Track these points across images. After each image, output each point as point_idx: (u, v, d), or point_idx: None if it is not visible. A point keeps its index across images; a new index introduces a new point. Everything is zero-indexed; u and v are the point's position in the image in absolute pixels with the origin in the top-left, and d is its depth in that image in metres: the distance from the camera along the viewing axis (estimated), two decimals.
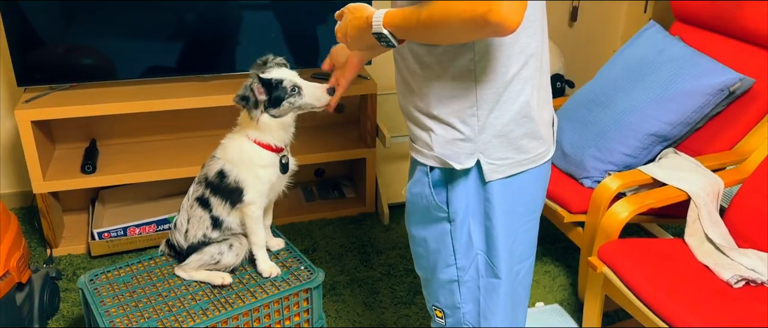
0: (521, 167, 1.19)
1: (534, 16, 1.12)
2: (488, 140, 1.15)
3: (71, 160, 2.53)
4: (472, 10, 0.92)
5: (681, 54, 2.29)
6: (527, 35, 1.11)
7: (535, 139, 1.19)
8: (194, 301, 1.76)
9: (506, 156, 1.16)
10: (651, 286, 1.75)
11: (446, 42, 1.09)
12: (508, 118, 1.14)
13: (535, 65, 1.15)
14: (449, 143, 1.16)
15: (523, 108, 1.15)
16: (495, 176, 1.17)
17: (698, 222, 1.96)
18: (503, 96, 1.13)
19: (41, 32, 2.34)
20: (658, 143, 2.21)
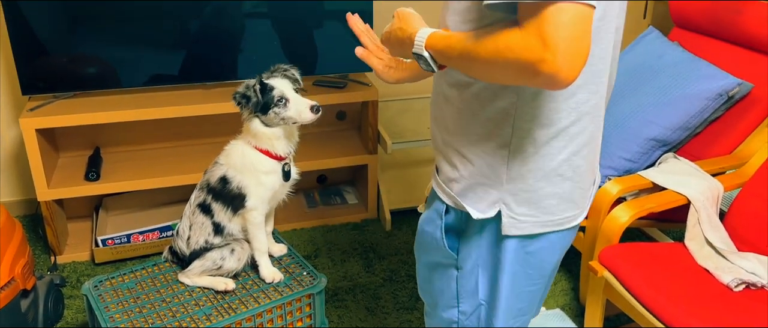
0: (543, 228, 1.09)
1: (600, 69, 1.01)
2: (514, 192, 1.06)
3: (75, 167, 2.55)
4: (524, 56, 0.83)
5: (680, 59, 2.31)
6: (587, 91, 1.01)
7: (567, 202, 1.08)
8: (198, 306, 1.77)
9: (530, 213, 1.07)
10: (651, 289, 1.76)
11: (490, 81, 0.99)
12: (541, 175, 1.05)
13: (588, 124, 1.04)
14: (472, 187, 1.08)
15: (560, 167, 1.04)
16: (513, 232, 1.08)
17: (698, 226, 1.97)
18: (542, 150, 1.03)
19: (46, 41, 2.36)
20: (658, 148, 2.22)
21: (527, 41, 0.83)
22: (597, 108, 1.04)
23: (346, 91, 2.63)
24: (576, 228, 1.15)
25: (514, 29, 0.85)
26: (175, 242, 1.90)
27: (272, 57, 2.58)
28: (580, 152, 1.05)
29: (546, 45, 0.81)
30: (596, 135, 1.09)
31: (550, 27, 0.81)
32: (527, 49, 0.83)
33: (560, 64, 0.81)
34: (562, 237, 1.13)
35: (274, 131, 1.75)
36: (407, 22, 1.06)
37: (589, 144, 1.06)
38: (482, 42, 0.89)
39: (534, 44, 0.82)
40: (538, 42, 0.82)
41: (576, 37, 0.82)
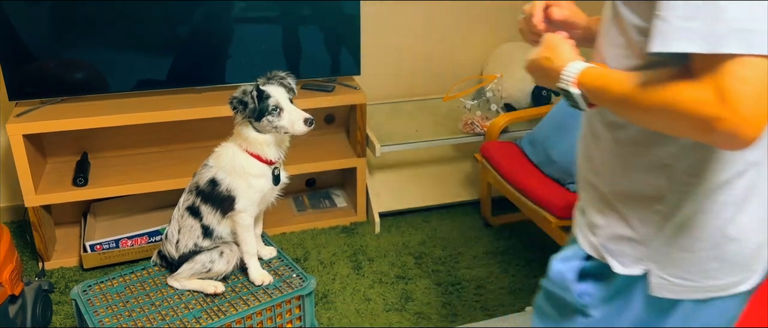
0: (701, 294, 0.96)
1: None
2: (666, 251, 0.95)
3: (63, 173, 2.54)
4: (699, 110, 0.75)
5: None
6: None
7: (733, 265, 0.95)
8: (187, 310, 1.78)
9: (685, 277, 0.95)
10: None
11: (654, 129, 0.86)
12: (699, 234, 0.92)
13: (755, 177, 0.92)
14: (618, 239, 0.98)
15: (724, 225, 0.92)
16: (665, 294, 0.96)
17: None
18: (703, 205, 0.91)
19: (32, 46, 2.36)
20: None
21: (702, 95, 0.75)
22: (764, 157, 0.92)
23: (335, 94, 2.65)
24: (746, 295, 1.00)
25: (687, 81, 0.76)
26: (164, 246, 1.90)
27: (261, 61, 2.60)
28: (745, 209, 0.92)
29: (725, 101, 0.73)
30: (763, 187, 0.94)
31: (730, 81, 0.73)
32: (702, 104, 0.74)
33: (740, 123, 0.73)
34: (725, 304, 0.98)
35: (265, 137, 1.76)
36: (556, 52, 0.97)
37: (761, 198, 0.93)
38: (648, 90, 0.80)
39: (711, 100, 0.74)
40: (715, 97, 0.74)
41: (759, 94, 0.73)
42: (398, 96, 3.06)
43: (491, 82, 2.89)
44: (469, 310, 2.30)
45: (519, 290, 2.41)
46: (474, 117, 2.83)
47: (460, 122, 2.83)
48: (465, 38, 3.10)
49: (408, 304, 2.33)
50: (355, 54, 2.67)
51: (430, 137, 2.75)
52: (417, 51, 3.04)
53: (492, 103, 2.89)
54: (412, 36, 3.01)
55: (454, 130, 2.80)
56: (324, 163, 2.72)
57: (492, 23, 3.10)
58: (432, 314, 2.28)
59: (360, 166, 2.76)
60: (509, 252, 2.63)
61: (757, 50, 0.73)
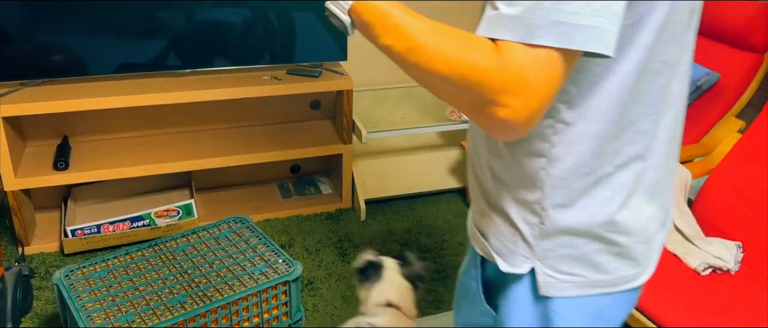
0: (595, 289, 0.92)
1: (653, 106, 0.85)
2: (551, 248, 0.90)
3: (43, 157, 2.50)
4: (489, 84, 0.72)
5: None
6: (635, 131, 0.85)
7: (623, 258, 0.91)
8: (172, 294, 1.75)
9: (574, 272, 0.91)
10: None
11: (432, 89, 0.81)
12: (584, 229, 0.89)
13: (642, 169, 0.88)
14: (505, 237, 0.94)
15: (609, 219, 0.88)
16: (554, 293, 0.92)
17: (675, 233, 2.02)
18: (582, 199, 0.87)
19: (11, 28, 2.30)
20: None
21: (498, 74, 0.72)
22: (653, 150, 0.88)
23: (321, 80, 2.63)
24: (638, 290, 0.97)
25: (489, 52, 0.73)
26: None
27: (245, 45, 2.56)
28: (630, 203, 0.88)
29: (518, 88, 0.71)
30: (659, 179, 0.91)
31: (531, 71, 0.71)
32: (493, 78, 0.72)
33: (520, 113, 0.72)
34: (620, 299, 0.95)
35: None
36: None
37: (648, 191, 0.90)
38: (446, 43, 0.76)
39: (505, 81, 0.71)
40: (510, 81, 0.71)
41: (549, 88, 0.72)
42: (385, 82, 3.04)
43: None
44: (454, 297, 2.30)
45: None
46: None
47: (447, 110, 2.82)
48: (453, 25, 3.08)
49: None
50: (342, 39, 2.65)
51: (417, 124, 2.74)
52: None
53: None
54: None
55: (440, 118, 2.79)
56: (309, 149, 2.70)
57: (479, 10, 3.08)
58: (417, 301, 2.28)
59: (346, 152, 2.74)
60: None
61: (567, 45, 0.71)
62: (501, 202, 0.93)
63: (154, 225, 2.53)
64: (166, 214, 2.55)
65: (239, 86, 2.48)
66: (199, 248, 1.96)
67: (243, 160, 2.60)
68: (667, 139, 0.90)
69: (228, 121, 2.80)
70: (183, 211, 2.58)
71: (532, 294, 0.94)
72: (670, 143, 0.91)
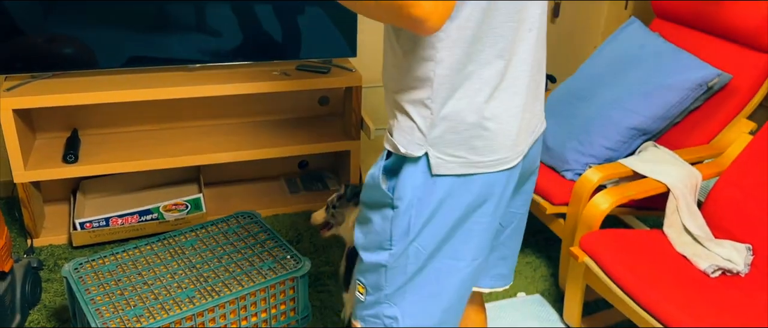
0: (473, 169, 1.15)
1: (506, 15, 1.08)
2: (439, 135, 1.13)
3: (53, 149, 2.51)
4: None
5: (661, 50, 2.34)
6: (494, 35, 1.08)
7: (495, 144, 1.15)
8: (180, 289, 1.76)
9: (457, 154, 1.13)
10: (631, 275, 1.79)
11: (366, 15, 1.06)
12: (460, 118, 1.11)
13: (502, 68, 1.11)
14: (405, 131, 1.15)
15: (479, 109, 1.11)
16: (442, 171, 1.14)
17: (677, 214, 2.01)
18: (457, 93, 1.11)
19: (23, 20, 2.31)
20: (639, 137, 2.26)
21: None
22: (508, 52, 1.10)
23: (330, 76, 2.62)
24: (514, 171, 1.20)
25: None
26: None
27: (255, 41, 2.56)
28: (497, 96, 1.12)
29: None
30: (520, 78, 1.14)
31: None
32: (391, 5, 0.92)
33: (421, 11, 0.91)
34: (493, 178, 1.17)
35: None
36: None
37: (509, 88, 1.13)
38: None
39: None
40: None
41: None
42: None
43: None
44: None
45: None
46: None
47: None
48: None
49: None
50: (352, 36, 2.64)
51: None
52: None
53: None
54: None
55: None
56: (317, 145, 2.70)
57: None
58: None
59: (354, 149, 2.74)
60: None
61: None
62: (402, 103, 1.14)
63: (162, 219, 2.54)
64: (174, 208, 2.56)
65: (248, 81, 2.49)
66: (208, 243, 1.96)
67: (251, 155, 2.60)
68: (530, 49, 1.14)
69: (237, 116, 2.80)
70: (191, 205, 2.58)
71: (426, 173, 1.15)
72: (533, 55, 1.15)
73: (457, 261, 1.21)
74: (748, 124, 2.23)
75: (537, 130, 1.27)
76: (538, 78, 1.21)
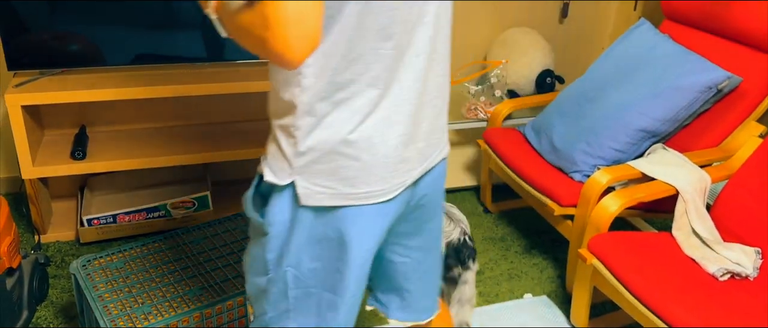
0: (344, 201, 1.08)
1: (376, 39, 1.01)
2: (306, 164, 1.06)
3: (61, 145, 2.51)
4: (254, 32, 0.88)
5: (671, 52, 2.33)
6: (364, 62, 1.02)
7: (366, 175, 1.07)
8: (188, 287, 1.76)
9: (327, 184, 1.07)
10: (640, 277, 1.79)
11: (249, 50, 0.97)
12: (327, 148, 1.05)
13: (376, 96, 1.04)
14: (275, 157, 1.10)
15: (346, 140, 1.04)
16: (310, 202, 1.08)
17: (685, 216, 2.00)
18: (325, 121, 1.04)
19: (31, 16, 2.31)
20: (647, 139, 2.25)
21: (255, 19, 0.87)
22: (384, 80, 1.04)
23: None
24: (392, 205, 1.12)
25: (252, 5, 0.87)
26: None
27: None
28: (368, 123, 1.05)
29: (268, 27, 0.86)
30: (402, 106, 1.07)
31: (270, 7, 0.85)
32: (255, 27, 0.87)
33: (281, 47, 0.87)
34: (367, 211, 1.10)
35: None
36: None
37: (387, 117, 1.06)
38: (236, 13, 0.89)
39: (259, 22, 0.86)
40: (262, 21, 0.86)
41: (296, 19, 0.85)
42: None
43: (496, 68, 2.87)
44: None
45: (517, 276, 2.41)
46: (477, 103, 2.81)
47: (463, 107, 2.81)
48: (470, 22, 3.07)
49: None
50: None
51: None
52: None
53: (496, 89, 2.87)
54: None
55: (456, 116, 2.78)
56: None
57: (497, 8, 3.07)
58: None
59: None
60: (508, 238, 2.63)
61: None
62: (274, 128, 1.10)
63: (169, 216, 2.54)
64: (181, 205, 2.56)
65: (257, 80, 2.48)
66: (215, 241, 1.96)
67: (259, 153, 2.59)
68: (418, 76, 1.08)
69: (246, 115, 2.80)
70: (198, 203, 2.59)
71: (294, 203, 1.09)
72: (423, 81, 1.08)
73: (334, 295, 1.15)
74: (757, 127, 2.22)
75: (432, 158, 1.20)
76: (436, 103, 1.15)
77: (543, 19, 3.16)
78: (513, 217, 2.77)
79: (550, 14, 3.20)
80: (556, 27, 3.24)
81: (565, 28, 3.26)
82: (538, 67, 2.85)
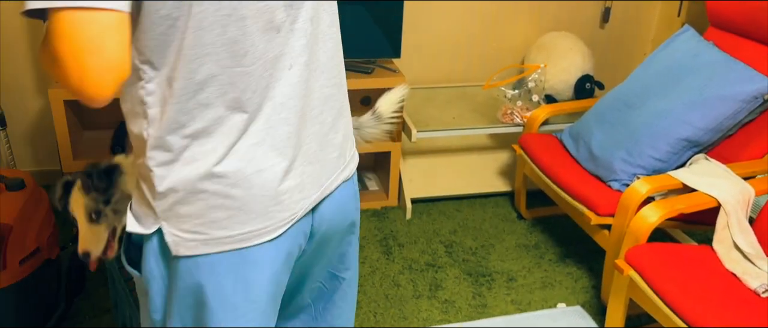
0: (219, 247, 0.91)
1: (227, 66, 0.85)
2: (169, 208, 0.90)
3: (101, 141, 2.56)
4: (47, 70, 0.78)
5: (716, 59, 2.27)
6: (217, 85, 0.85)
7: (242, 213, 0.90)
8: None
9: (196, 230, 0.90)
10: (678, 291, 1.74)
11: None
12: (190, 187, 0.89)
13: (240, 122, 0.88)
14: (138, 201, 0.94)
15: (211, 175, 0.88)
16: (182, 252, 0.91)
17: (727, 229, 1.94)
18: (183, 157, 0.88)
19: None
20: (689, 149, 2.19)
21: (43, 55, 0.76)
22: (251, 101, 0.88)
23: (373, 76, 2.62)
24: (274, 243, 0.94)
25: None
26: None
27: None
28: (238, 155, 0.88)
29: (55, 62, 0.74)
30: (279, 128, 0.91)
31: (53, 40, 0.73)
32: (45, 64, 0.76)
33: (75, 83, 0.74)
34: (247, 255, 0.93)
35: None
36: None
37: (261, 143, 0.90)
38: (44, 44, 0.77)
39: (48, 60, 0.75)
40: (49, 57, 0.75)
41: (82, 51, 0.73)
42: (437, 81, 3.02)
43: (534, 72, 2.83)
44: (499, 303, 2.27)
45: (551, 285, 2.37)
46: (514, 107, 2.78)
47: (499, 111, 2.78)
48: (508, 25, 3.04)
49: (437, 291, 2.31)
50: (396, 37, 2.63)
51: (468, 125, 2.71)
52: (458, 36, 2.99)
53: (533, 93, 2.83)
54: (454, 21, 2.96)
55: (492, 120, 2.75)
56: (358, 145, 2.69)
57: (536, 11, 3.03)
58: (461, 304, 2.26)
59: (394, 150, 2.73)
60: (542, 246, 2.59)
61: (58, 3, 0.71)
62: (137, 167, 0.93)
63: None
64: None
65: None
66: None
67: None
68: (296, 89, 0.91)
69: None
70: None
71: (166, 252, 0.93)
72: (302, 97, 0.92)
73: None
74: None
75: (331, 180, 1.02)
76: (323, 119, 0.98)
77: (583, 23, 3.11)
78: (548, 224, 2.73)
79: (591, 18, 3.15)
80: (597, 31, 3.18)
81: (606, 33, 3.20)
82: (578, 71, 2.81)
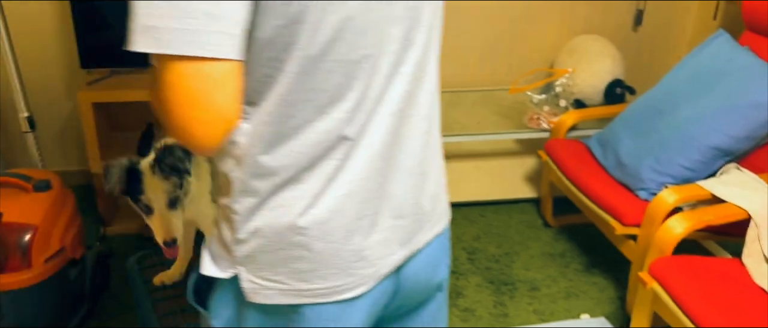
0: (298, 299, 0.87)
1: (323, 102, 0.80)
2: (249, 253, 0.86)
3: (129, 142, 2.59)
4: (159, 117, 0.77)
5: (751, 65, 2.19)
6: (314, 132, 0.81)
7: (325, 267, 0.86)
8: None
9: (276, 279, 0.86)
10: (703, 306, 1.68)
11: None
12: (273, 233, 0.84)
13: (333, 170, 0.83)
14: (216, 244, 0.92)
15: (296, 222, 0.83)
16: (259, 299, 0.88)
17: (757, 242, 1.87)
18: (269, 202, 0.84)
19: (104, 16, 2.40)
20: (720, 157, 2.12)
21: (154, 103, 0.75)
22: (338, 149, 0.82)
23: None
24: (355, 302, 0.89)
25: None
26: None
27: None
28: (322, 204, 0.83)
29: (162, 110, 0.73)
30: (364, 181, 0.85)
31: (161, 87, 0.72)
32: (156, 111, 0.75)
33: (182, 132, 0.73)
34: (324, 312, 0.88)
35: None
36: None
37: (347, 194, 0.84)
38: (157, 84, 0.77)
39: (155, 102, 0.75)
40: (156, 100, 0.74)
41: (193, 103, 0.72)
42: (462, 85, 2.98)
43: (562, 77, 2.78)
44: (520, 312, 2.23)
45: (575, 295, 2.32)
46: (541, 112, 2.73)
47: (525, 116, 2.74)
48: (536, 28, 2.99)
49: (458, 299, 2.28)
50: None
51: (493, 130, 2.67)
52: (485, 38, 2.95)
53: (561, 98, 2.78)
54: (481, 22, 2.92)
55: (518, 125, 2.71)
56: None
57: (566, 13, 2.97)
58: (482, 313, 2.23)
59: None
60: (568, 255, 2.54)
61: (167, 50, 0.70)
62: (219, 211, 0.91)
63: None
64: None
65: None
66: None
67: None
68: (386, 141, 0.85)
69: None
70: None
71: (240, 298, 0.89)
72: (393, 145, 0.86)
73: None
74: None
75: (421, 235, 0.95)
76: (420, 170, 0.92)
77: (615, 26, 3.04)
78: (574, 232, 2.67)
79: (623, 21, 3.08)
80: (629, 34, 3.11)
81: (638, 36, 3.12)
82: (608, 76, 2.74)
